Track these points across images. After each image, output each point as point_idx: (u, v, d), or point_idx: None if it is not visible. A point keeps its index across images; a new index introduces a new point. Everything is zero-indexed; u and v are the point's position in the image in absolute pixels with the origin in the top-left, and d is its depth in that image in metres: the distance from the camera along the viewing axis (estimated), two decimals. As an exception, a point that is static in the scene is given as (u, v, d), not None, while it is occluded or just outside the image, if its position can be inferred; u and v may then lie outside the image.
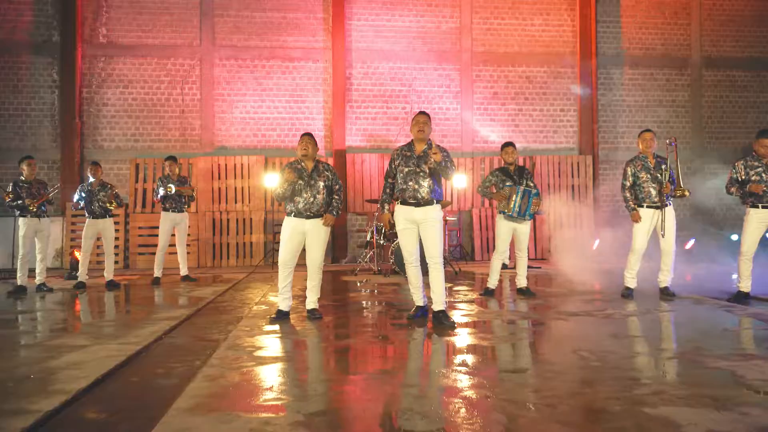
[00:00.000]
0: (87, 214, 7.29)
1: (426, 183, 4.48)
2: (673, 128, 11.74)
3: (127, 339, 4.09)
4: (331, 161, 10.66)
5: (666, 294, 5.76)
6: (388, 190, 4.72)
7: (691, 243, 9.60)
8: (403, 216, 4.58)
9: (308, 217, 4.72)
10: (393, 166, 4.65)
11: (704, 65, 11.78)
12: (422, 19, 11.15)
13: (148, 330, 4.40)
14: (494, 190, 6.10)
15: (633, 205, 5.79)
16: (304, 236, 4.75)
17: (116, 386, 3.03)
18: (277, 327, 4.52)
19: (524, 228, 6.06)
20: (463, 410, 2.54)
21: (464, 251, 10.75)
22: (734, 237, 9.59)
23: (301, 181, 4.71)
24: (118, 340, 4.07)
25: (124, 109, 10.67)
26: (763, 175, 5.40)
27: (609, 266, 9.19)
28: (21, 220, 6.85)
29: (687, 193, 5.64)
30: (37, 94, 10.53)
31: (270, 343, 3.98)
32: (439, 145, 4.44)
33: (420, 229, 4.56)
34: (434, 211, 4.52)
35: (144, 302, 6.14)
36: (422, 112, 4.67)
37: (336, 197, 4.84)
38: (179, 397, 2.75)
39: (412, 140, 4.68)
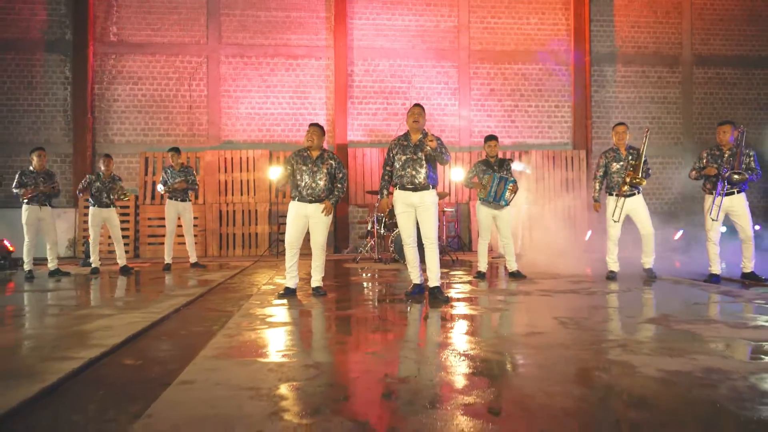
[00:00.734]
0: (92, 203, 7.62)
1: (422, 169, 4.87)
2: (664, 124, 12.12)
3: (149, 310, 4.48)
4: (333, 155, 11.03)
5: (649, 275, 6.15)
6: (386, 177, 5.10)
7: (679, 234, 9.98)
8: (402, 200, 4.97)
9: (310, 201, 5.11)
10: (391, 155, 5.04)
11: (695, 63, 12.15)
12: (421, 18, 11.53)
13: (167, 303, 4.80)
14: (476, 181, 6.51)
15: (597, 196, 6.25)
16: (307, 219, 5.14)
17: (146, 343, 3.43)
18: (285, 301, 4.91)
19: (504, 215, 6.45)
20: (452, 357, 2.93)
21: (461, 242, 11.14)
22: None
23: (304, 167, 5.10)
24: (141, 310, 4.46)
25: (134, 104, 11.06)
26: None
27: (600, 255, 9.58)
28: (23, 208, 7.13)
29: (643, 182, 6.00)
30: (51, 90, 10.93)
31: (279, 312, 4.38)
32: (433, 134, 4.84)
33: (417, 213, 4.95)
34: (430, 196, 4.92)
35: (158, 283, 6.54)
36: (417, 104, 5.06)
37: (338, 185, 5.22)
38: (203, 348, 3.15)
39: (407, 131, 5.06)
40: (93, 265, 7.75)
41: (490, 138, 6.52)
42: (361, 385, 2.53)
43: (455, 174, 10.63)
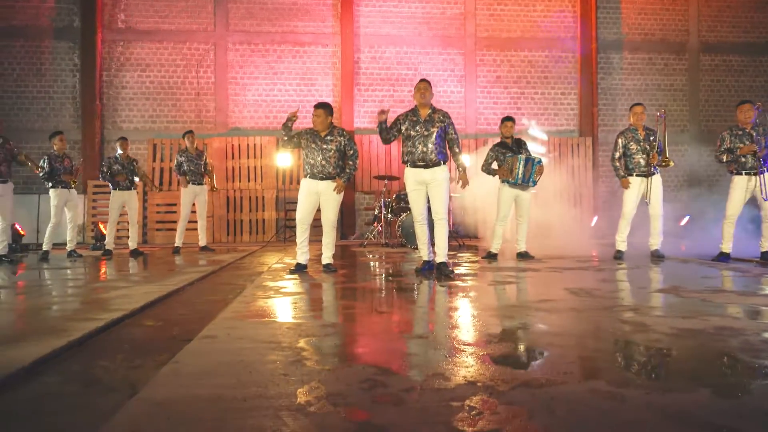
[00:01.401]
0: (112, 187, 7.73)
1: (433, 145, 4.90)
2: (671, 112, 12.10)
3: (163, 283, 4.55)
4: (340, 142, 11.08)
5: (656, 256, 6.18)
6: (386, 130, 5.02)
7: (686, 220, 9.99)
8: (413, 178, 4.99)
9: (321, 179, 5.16)
10: (398, 123, 5.03)
11: (702, 50, 12.13)
12: (428, 5, 11.53)
13: (180, 278, 4.86)
14: (496, 166, 6.51)
15: (624, 173, 6.24)
16: (318, 196, 5.19)
17: (164, 308, 3.49)
18: (296, 276, 4.97)
19: (527, 195, 6.48)
20: (464, 318, 2.98)
21: (466, 229, 11.17)
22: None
23: (314, 146, 5.15)
24: (156, 283, 4.53)
25: (142, 91, 11.12)
26: (745, 140, 5.80)
27: (608, 240, 9.62)
28: (52, 192, 7.30)
29: (672, 163, 6.09)
30: (59, 77, 10.99)
31: (291, 285, 4.44)
32: (443, 111, 4.90)
33: (428, 189, 4.97)
34: (442, 172, 4.95)
35: (170, 263, 6.61)
36: (423, 80, 5.06)
37: (350, 162, 5.27)
38: (222, 312, 3.21)
39: (415, 106, 5.07)
40: (107, 247, 7.83)
41: (507, 119, 6.54)
42: (378, 340, 2.58)
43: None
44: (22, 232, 8.75)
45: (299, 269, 5.19)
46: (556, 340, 2.49)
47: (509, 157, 6.37)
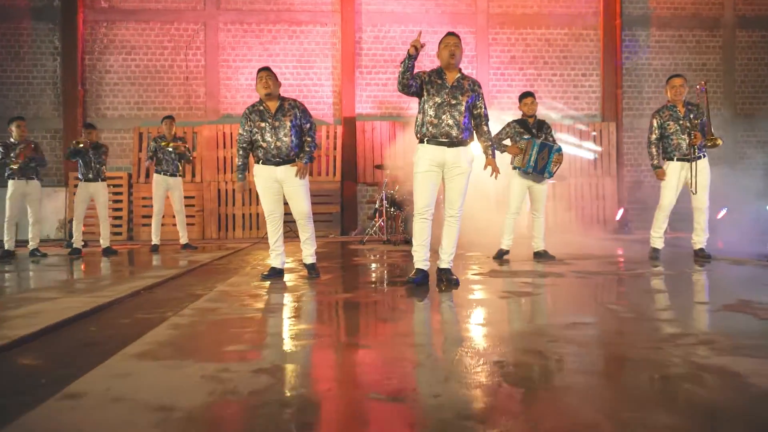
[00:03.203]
0: (80, 177, 6.96)
1: (461, 118, 3.84)
2: (701, 94, 11.01)
3: (102, 293, 3.71)
4: (340, 129, 10.21)
5: (701, 256, 5.23)
6: (412, 67, 3.78)
7: (723, 213, 8.98)
8: (430, 156, 3.85)
9: (278, 164, 4.25)
10: (421, 78, 3.88)
11: (738, 25, 11.01)
12: (436, -21, 10.56)
13: (127, 286, 4.02)
14: (509, 143, 5.57)
15: (658, 162, 5.33)
16: (279, 184, 4.30)
17: (68, 334, 2.63)
18: (267, 283, 4.11)
19: (542, 186, 5.55)
20: (468, 359, 2.09)
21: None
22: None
23: (263, 124, 4.24)
24: (92, 293, 3.69)
25: (127, 76, 10.31)
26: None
27: (635, 236, 8.66)
28: (9, 183, 6.56)
29: (719, 141, 5.17)
30: (39, 61, 10.22)
31: (254, 297, 3.57)
32: (471, 77, 3.97)
33: (446, 175, 3.91)
34: (467, 153, 3.92)
35: (135, 265, 5.79)
36: (452, 33, 3.96)
37: (308, 139, 4.33)
38: (131, 343, 2.35)
39: (439, 67, 3.98)
40: (75, 245, 7.04)
41: (527, 95, 5.57)
42: (333, 405, 1.70)
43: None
44: None
45: (273, 275, 4.32)
46: (603, 407, 1.59)
47: (525, 140, 5.43)
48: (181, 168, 7.60)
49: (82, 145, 6.70)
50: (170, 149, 7.16)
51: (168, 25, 10.33)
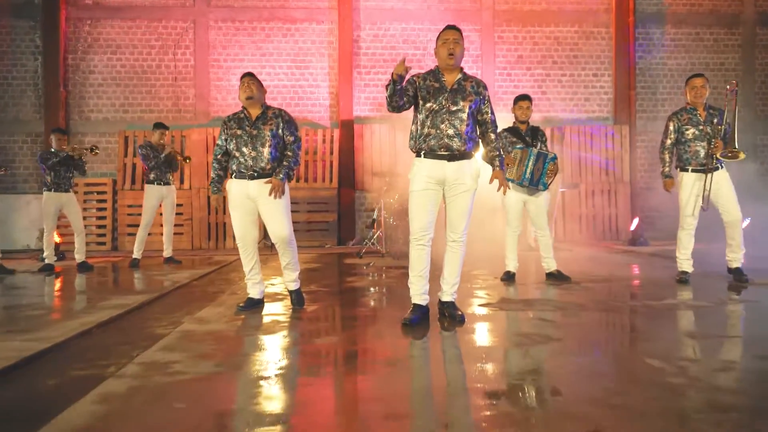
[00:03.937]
0: (45, 187, 6.45)
1: (463, 126, 3.28)
2: (720, 95, 10.39)
3: (45, 333, 3.16)
4: (337, 133, 9.65)
5: (739, 278, 4.66)
6: (401, 88, 3.23)
7: (746, 223, 8.39)
8: (427, 173, 3.29)
9: (251, 177, 3.68)
10: (413, 86, 3.32)
11: (758, 22, 10.40)
12: (438, -26, 10.00)
13: (80, 321, 3.47)
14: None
15: (669, 170, 4.80)
16: (253, 202, 3.74)
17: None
18: (242, 318, 3.55)
19: (538, 200, 4.94)
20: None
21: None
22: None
23: (239, 131, 3.70)
24: (30, 334, 3.13)
25: (112, 76, 9.77)
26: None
27: (650, 249, 8.08)
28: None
29: (742, 155, 4.60)
30: (19, 61, 9.69)
31: (218, 342, 3.00)
32: (476, 78, 3.41)
33: (447, 193, 3.33)
34: (472, 168, 3.32)
35: (102, 287, 5.24)
36: (451, 27, 3.36)
37: (289, 153, 3.76)
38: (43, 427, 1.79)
39: (436, 67, 3.43)
40: (47, 261, 6.49)
41: (522, 98, 4.96)
42: None
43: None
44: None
45: (250, 306, 3.76)
46: None
47: (519, 149, 4.83)
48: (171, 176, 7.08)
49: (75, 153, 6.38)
50: (162, 157, 6.67)
51: (155, 22, 9.78)
